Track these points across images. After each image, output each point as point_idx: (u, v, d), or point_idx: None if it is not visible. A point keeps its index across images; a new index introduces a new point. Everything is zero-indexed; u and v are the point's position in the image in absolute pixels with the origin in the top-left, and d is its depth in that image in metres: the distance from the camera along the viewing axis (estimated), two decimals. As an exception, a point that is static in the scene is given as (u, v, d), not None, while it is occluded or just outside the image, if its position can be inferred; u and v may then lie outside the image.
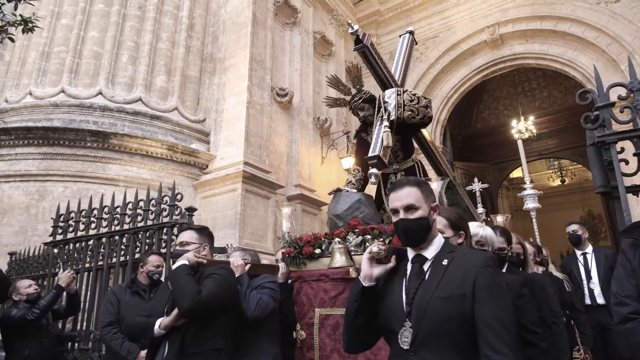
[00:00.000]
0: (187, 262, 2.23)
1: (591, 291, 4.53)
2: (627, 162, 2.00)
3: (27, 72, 7.07)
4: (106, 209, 3.71)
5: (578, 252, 4.80)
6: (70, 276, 3.36)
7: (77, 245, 3.73)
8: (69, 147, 6.22)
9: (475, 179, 8.43)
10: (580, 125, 2.18)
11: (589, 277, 4.59)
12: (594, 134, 2.01)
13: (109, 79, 6.96)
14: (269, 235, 6.87)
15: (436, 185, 2.69)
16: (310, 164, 8.37)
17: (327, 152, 8.92)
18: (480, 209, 6.45)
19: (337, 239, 2.81)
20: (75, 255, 3.73)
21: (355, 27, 3.28)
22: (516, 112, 13.64)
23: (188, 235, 2.39)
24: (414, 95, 3.36)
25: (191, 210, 3.19)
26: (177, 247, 2.38)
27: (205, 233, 2.47)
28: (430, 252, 1.57)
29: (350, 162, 8.27)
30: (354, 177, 3.53)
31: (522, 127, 12.37)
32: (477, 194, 6.85)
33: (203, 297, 2.07)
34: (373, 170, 3.06)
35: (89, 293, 3.74)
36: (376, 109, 3.39)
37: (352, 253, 2.80)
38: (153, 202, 3.52)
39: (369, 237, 2.81)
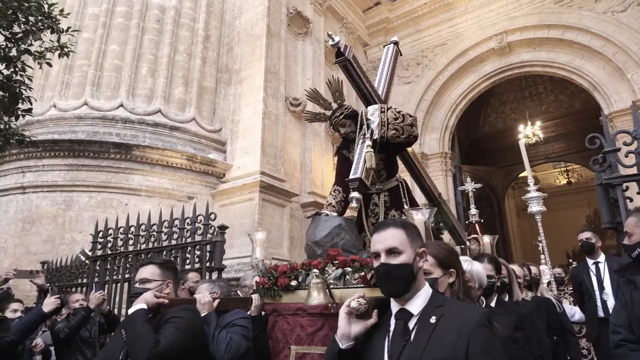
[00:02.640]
0: (145, 306, 1.98)
1: (604, 303, 4.21)
2: (631, 200, 2.21)
3: (50, 85, 7.33)
4: (143, 227, 3.96)
5: (590, 261, 4.52)
6: (100, 297, 3.50)
7: (117, 260, 3.98)
8: (94, 159, 6.49)
9: (468, 179, 8.62)
10: (587, 128, 2.37)
11: (601, 288, 4.28)
12: (602, 176, 2.22)
13: (130, 91, 7.21)
14: (285, 243, 7.12)
15: (422, 215, 2.54)
16: (323, 170, 8.60)
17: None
18: (473, 210, 6.60)
19: (314, 272, 2.54)
20: (115, 268, 3.97)
21: (337, 38, 3.08)
22: (523, 116, 13.80)
23: (149, 272, 2.16)
24: (399, 112, 3.15)
25: (223, 228, 3.41)
26: (137, 285, 2.16)
27: (169, 267, 2.25)
28: (416, 306, 1.42)
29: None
30: (334, 198, 3.30)
31: (529, 132, 12.54)
32: (470, 194, 7.02)
33: (161, 349, 1.85)
34: (354, 194, 2.91)
35: (124, 305, 3.99)
36: (358, 127, 3.21)
37: (332, 286, 2.56)
38: (188, 220, 3.76)
39: (349, 269, 2.56)
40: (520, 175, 15.66)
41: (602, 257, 4.51)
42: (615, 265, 4.17)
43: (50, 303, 3.22)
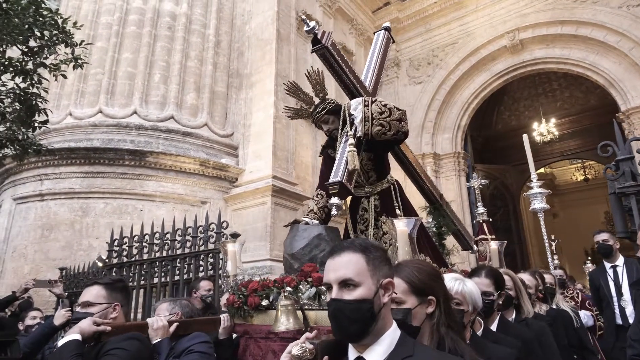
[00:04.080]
0: (78, 337, 1.74)
1: (622, 310, 3.92)
2: (645, 207, 2.17)
3: (66, 94, 7.48)
4: (157, 235, 4.03)
5: (607, 265, 4.20)
6: (65, 315, 3.36)
7: (132, 267, 4.06)
8: (109, 166, 6.60)
9: (474, 175, 8.51)
10: (603, 125, 2.32)
11: (619, 294, 3.98)
12: (615, 185, 2.19)
13: (143, 98, 7.32)
14: (298, 246, 7.14)
15: (404, 225, 2.24)
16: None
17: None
18: (480, 209, 6.43)
19: (283, 294, 2.25)
20: (130, 275, 4.05)
21: (312, 23, 2.75)
22: (537, 113, 13.63)
23: (93, 294, 1.92)
24: (385, 106, 2.79)
25: (235, 236, 3.45)
26: (79, 309, 1.93)
27: (116, 288, 1.99)
28: (376, 356, 1.14)
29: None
30: (316, 204, 2.99)
31: (544, 129, 12.38)
32: (477, 191, 6.86)
33: None
34: (334, 200, 2.59)
35: (139, 309, 4.07)
36: (341, 123, 2.91)
37: (306, 307, 2.26)
38: (201, 228, 3.82)
39: (324, 289, 2.22)
40: (537, 172, 15.46)
41: (620, 260, 4.17)
42: (634, 269, 4.00)
43: (60, 316, 3.17)
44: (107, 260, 4.20)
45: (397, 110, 2.82)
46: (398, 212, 2.92)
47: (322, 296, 2.30)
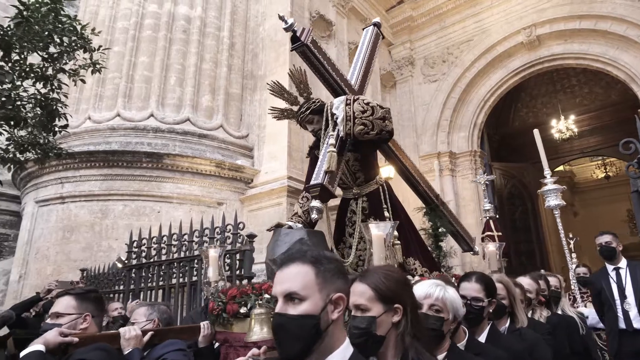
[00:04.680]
0: (41, 348, 1.70)
1: (626, 313, 3.82)
2: (669, 206, 2.12)
3: (85, 98, 7.62)
4: (175, 236, 4.09)
5: (609, 267, 4.09)
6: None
7: (151, 268, 4.13)
8: (127, 168, 6.70)
9: (481, 171, 8.40)
10: (624, 121, 2.24)
11: (622, 297, 3.87)
12: (638, 182, 2.14)
13: (159, 101, 7.41)
14: (313, 246, 7.16)
15: (380, 229, 2.14)
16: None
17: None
18: (487, 205, 6.28)
19: (258, 302, 2.20)
20: (149, 276, 4.12)
21: (290, 20, 2.66)
22: (555, 110, 13.39)
23: (63, 305, 1.90)
24: (367, 104, 2.70)
25: (251, 237, 3.48)
26: (48, 320, 1.91)
27: (87, 298, 1.95)
28: None
29: (389, 170, 8.44)
30: (301, 207, 2.86)
31: (562, 126, 12.15)
32: (483, 187, 6.73)
33: None
34: (315, 203, 2.51)
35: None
36: (324, 123, 2.82)
37: None
38: (217, 229, 3.86)
39: None
40: (556, 169, 15.20)
41: (623, 262, 4.07)
42: (638, 272, 3.89)
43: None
44: (126, 262, 4.28)
45: (381, 108, 2.74)
46: (387, 214, 2.87)
47: None
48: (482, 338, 2.05)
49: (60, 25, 3.89)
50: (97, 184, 6.70)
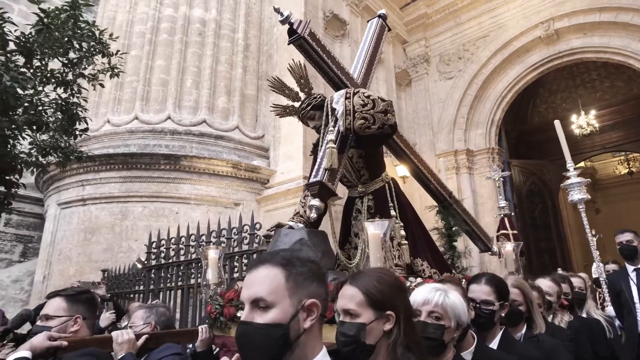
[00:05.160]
0: (27, 354, 1.63)
1: None
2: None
3: (104, 102, 7.77)
4: (192, 237, 4.14)
5: (629, 268, 3.87)
6: (110, 318, 3.54)
7: (170, 269, 4.20)
8: (146, 170, 6.81)
9: (495, 166, 8.23)
10: None
11: None
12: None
13: (176, 104, 7.51)
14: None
15: (377, 227, 2.00)
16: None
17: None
18: (502, 202, 6.10)
19: None
20: (168, 276, 4.19)
21: (286, 12, 2.56)
22: (575, 105, 13.11)
23: (53, 307, 1.84)
24: (368, 97, 2.58)
25: (268, 237, 3.49)
26: (38, 322, 1.85)
27: (80, 300, 1.89)
28: None
29: (404, 169, 8.39)
30: (303, 206, 2.79)
31: (583, 122, 11.90)
32: (498, 184, 6.55)
33: None
34: (314, 202, 2.38)
35: (177, 310, 4.18)
36: (324, 118, 2.72)
37: None
38: (235, 230, 3.89)
39: None
40: (577, 166, 14.88)
41: None
42: None
43: (105, 318, 3.37)
44: (145, 262, 4.35)
45: (382, 101, 2.59)
46: (393, 212, 2.78)
47: None
48: (494, 344, 1.90)
49: (79, 31, 3.97)
50: (117, 186, 6.83)
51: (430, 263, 2.84)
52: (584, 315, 3.03)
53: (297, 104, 2.95)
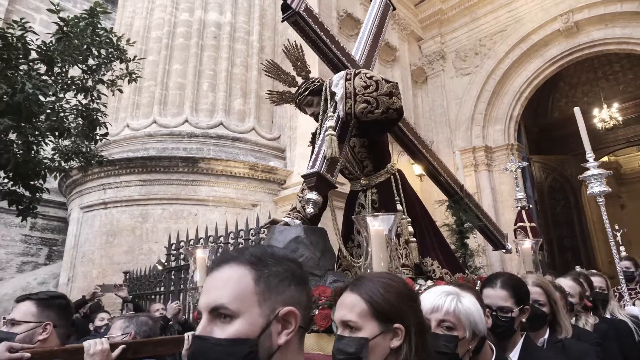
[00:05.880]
0: None
1: None
2: None
3: (123, 107, 7.91)
4: (211, 238, 4.18)
5: None
6: (176, 307, 3.65)
7: (189, 270, 4.26)
8: (164, 173, 6.91)
9: (512, 157, 8.05)
10: None
11: None
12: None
13: (193, 107, 7.60)
14: (348, 245, 7.15)
15: (378, 222, 1.77)
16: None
17: (398, 158, 9.00)
18: (519, 194, 5.92)
19: None
20: (188, 277, 4.25)
21: None
22: (597, 99, 12.79)
23: (21, 311, 1.66)
24: (371, 78, 2.31)
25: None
26: (3, 328, 1.68)
27: (52, 306, 1.71)
28: None
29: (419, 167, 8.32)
30: (300, 201, 2.59)
31: (606, 115, 11.61)
32: (515, 175, 6.38)
33: None
34: (310, 196, 2.17)
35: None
36: (322, 102, 2.48)
37: None
38: (252, 231, 3.92)
39: None
40: (600, 160, 14.50)
41: None
42: None
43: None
44: (165, 264, 4.42)
45: (387, 82, 2.32)
46: (399, 207, 2.57)
47: None
48: (515, 354, 1.71)
49: (97, 38, 4.06)
50: (137, 189, 6.94)
51: (441, 262, 2.62)
52: (608, 316, 2.84)
53: (294, 90, 2.74)
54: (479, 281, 2.51)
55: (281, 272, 0.83)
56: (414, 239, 2.54)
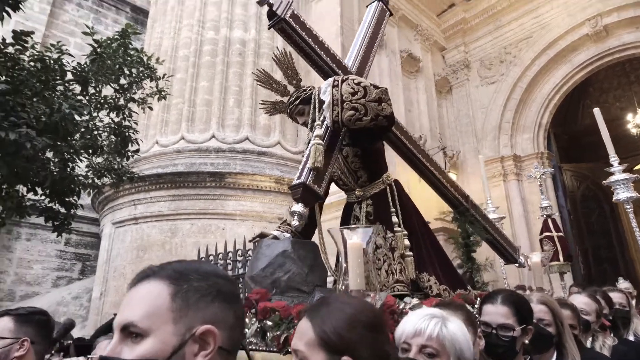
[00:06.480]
0: None
1: None
2: None
3: (152, 124, 8.13)
4: (239, 252, 4.21)
5: None
6: None
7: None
8: (193, 188, 7.03)
9: (535, 163, 7.79)
10: None
11: None
12: None
13: (220, 123, 7.74)
14: (375, 258, 7.08)
15: (353, 235, 1.64)
16: (408, 181, 8.42)
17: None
18: (544, 202, 5.64)
19: None
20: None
21: None
22: (630, 103, 12.38)
23: None
24: (359, 84, 2.23)
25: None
26: None
27: (30, 321, 1.66)
28: None
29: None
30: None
31: (640, 120, 11.22)
32: (540, 182, 6.15)
33: None
34: (296, 207, 2.10)
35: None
36: (311, 110, 2.44)
37: (251, 347, 1.84)
38: (280, 244, 3.93)
39: (269, 323, 1.82)
40: (635, 168, 13.97)
41: None
42: None
43: None
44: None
45: (375, 88, 2.25)
46: (395, 219, 2.48)
47: (268, 333, 1.81)
48: None
49: (129, 58, 4.21)
50: (166, 204, 7.08)
51: (439, 278, 2.48)
52: (631, 337, 2.61)
53: (287, 99, 2.69)
54: (478, 298, 2.38)
55: (204, 287, 0.76)
56: (410, 253, 2.44)
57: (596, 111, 4.32)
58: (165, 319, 0.72)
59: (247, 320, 1.88)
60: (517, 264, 3.42)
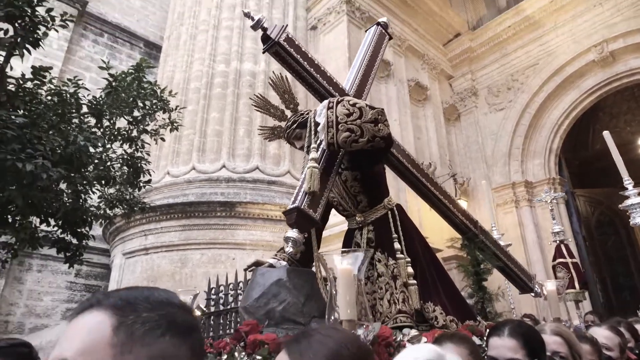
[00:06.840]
0: None
1: None
2: None
3: (164, 155, 8.24)
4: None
5: None
6: None
7: (228, 315, 4.22)
8: (203, 218, 7.04)
9: (546, 187, 7.64)
10: None
11: None
12: None
13: (230, 153, 7.82)
14: (387, 287, 6.95)
15: (349, 262, 1.56)
16: (419, 210, 8.36)
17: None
18: (556, 227, 5.51)
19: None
20: (227, 322, 4.22)
21: (257, 16, 2.24)
22: (641, 128, 12.32)
23: None
24: (354, 105, 2.18)
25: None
26: None
27: (11, 355, 1.62)
28: None
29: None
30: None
31: (652, 145, 11.10)
32: (551, 207, 6.00)
33: None
34: (291, 234, 2.02)
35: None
36: (307, 134, 2.38)
37: None
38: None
39: (258, 358, 1.76)
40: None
41: None
42: None
43: None
44: (205, 309, 4.40)
45: (371, 109, 2.20)
46: (397, 245, 2.40)
47: None
48: None
49: (143, 91, 4.31)
50: (177, 234, 7.08)
51: (445, 308, 2.36)
52: None
53: (284, 124, 2.66)
54: (487, 330, 2.26)
55: (153, 318, 0.66)
56: (414, 281, 2.34)
57: (606, 134, 4.28)
58: (103, 356, 0.62)
59: (236, 354, 1.81)
60: (532, 294, 3.29)
